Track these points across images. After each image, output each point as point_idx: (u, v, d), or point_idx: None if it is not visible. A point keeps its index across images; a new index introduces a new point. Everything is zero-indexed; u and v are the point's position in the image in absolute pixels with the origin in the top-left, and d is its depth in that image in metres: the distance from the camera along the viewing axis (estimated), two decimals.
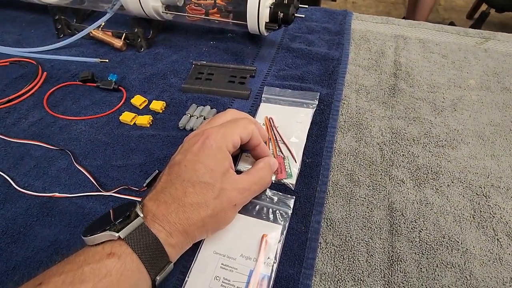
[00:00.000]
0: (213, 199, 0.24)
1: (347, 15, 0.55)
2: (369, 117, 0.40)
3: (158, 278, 0.22)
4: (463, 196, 0.32)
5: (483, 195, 0.32)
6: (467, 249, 0.28)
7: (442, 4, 2.08)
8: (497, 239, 0.29)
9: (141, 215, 0.22)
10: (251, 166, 0.33)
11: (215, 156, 0.25)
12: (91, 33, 0.49)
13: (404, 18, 1.79)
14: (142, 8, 0.45)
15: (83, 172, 0.34)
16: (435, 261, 0.28)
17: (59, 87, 0.44)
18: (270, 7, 0.42)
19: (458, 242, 0.29)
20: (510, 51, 0.49)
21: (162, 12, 0.46)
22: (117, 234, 0.21)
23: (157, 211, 0.23)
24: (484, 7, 1.60)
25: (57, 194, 0.32)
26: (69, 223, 0.30)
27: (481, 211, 0.31)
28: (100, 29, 0.50)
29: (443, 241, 0.29)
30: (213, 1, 0.45)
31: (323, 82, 0.43)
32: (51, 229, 0.30)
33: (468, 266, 0.27)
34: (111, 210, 0.24)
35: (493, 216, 0.31)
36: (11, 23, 0.56)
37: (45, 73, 0.45)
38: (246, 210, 0.29)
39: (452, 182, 0.33)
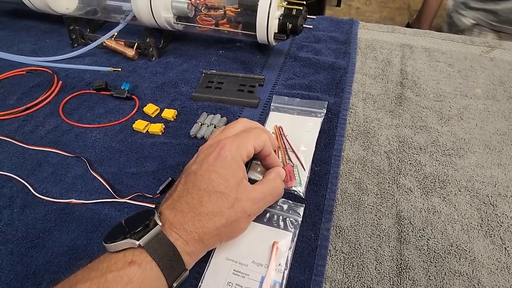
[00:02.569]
0: (227, 208, 0.25)
1: (353, 24, 0.56)
2: (376, 125, 0.40)
3: (174, 285, 0.23)
4: (470, 204, 0.33)
5: (491, 204, 0.33)
6: (475, 257, 0.29)
7: (447, 9, 2.08)
8: (505, 248, 0.29)
9: (160, 223, 0.23)
10: (260, 174, 0.34)
11: (230, 166, 0.26)
12: (104, 42, 0.51)
13: (408, 23, 1.80)
14: (154, 19, 0.47)
15: (98, 179, 0.35)
16: (443, 270, 0.28)
17: (74, 96, 0.45)
18: (279, 18, 0.43)
19: (466, 250, 0.29)
20: None
21: (174, 23, 0.47)
22: (137, 242, 0.22)
23: (174, 219, 0.24)
24: None
25: (73, 200, 0.33)
26: (86, 228, 0.31)
27: (488, 220, 0.31)
28: (113, 38, 0.51)
29: (451, 249, 0.29)
30: (223, 12, 0.46)
31: (330, 91, 0.44)
32: (68, 234, 0.31)
33: (476, 275, 0.28)
34: (129, 217, 0.25)
35: (501, 225, 0.31)
36: (26, 32, 0.58)
37: (60, 81, 0.47)
38: (257, 217, 0.30)
39: (459, 191, 0.34)
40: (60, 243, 0.30)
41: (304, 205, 0.32)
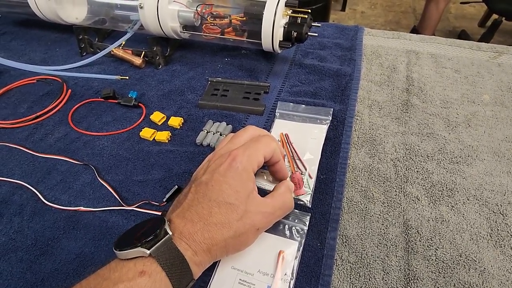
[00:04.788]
0: (236, 220, 0.25)
1: (358, 30, 0.56)
2: (382, 133, 0.40)
3: None
4: (479, 214, 0.32)
5: (500, 213, 0.32)
6: (484, 268, 0.28)
7: (452, 12, 2.07)
8: None
9: (170, 233, 0.23)
10: (266, 182, 0.34)
11: (241, 177, 0.26)
12: (112, 51, 0.52)
13: (414, 26, 1.79)
14: (161, 28, 0.47)
15: (106, 187, 0.35)
16: (452, 281, 0.28)
17: (82, 104, 0.46)
18: (284, 27, 0.43)
19: (476, 261, 0.29)
20: None
21: (180, 31, 0.48)
22: (148, 252, 0.22)
23: (184, 229, 0.24)
24: (496, 15, 1.59)
25: (82, 208, 0.34)
26: (93, 236, 0.32)
27: (498, 229, 0.31)
28: (120, 47, 0.52)
29: (460, 259, 0.29)
30: (228, 20, 0.47)
31: (336, 98, 0.44)
32: (76, 242, 0.31)
33: (486, 286, 0.27)
34: (139, 224, 0.25)
35: (511, 235, 0.30)
36: (37, 41, 0.59)
37: (69, 90, 0.48)
38: None
39: (468, 200, 0.33)
40: (68, 251, 0.31)
41: (310, 214, 0.32)
